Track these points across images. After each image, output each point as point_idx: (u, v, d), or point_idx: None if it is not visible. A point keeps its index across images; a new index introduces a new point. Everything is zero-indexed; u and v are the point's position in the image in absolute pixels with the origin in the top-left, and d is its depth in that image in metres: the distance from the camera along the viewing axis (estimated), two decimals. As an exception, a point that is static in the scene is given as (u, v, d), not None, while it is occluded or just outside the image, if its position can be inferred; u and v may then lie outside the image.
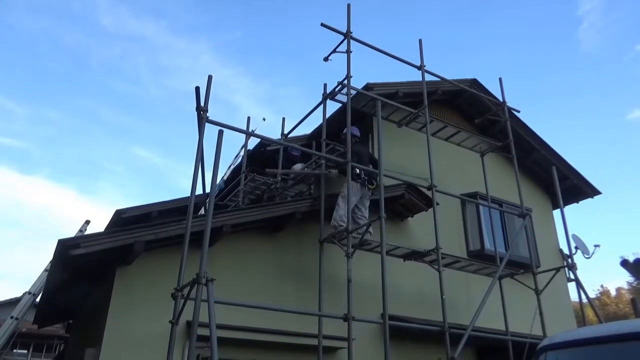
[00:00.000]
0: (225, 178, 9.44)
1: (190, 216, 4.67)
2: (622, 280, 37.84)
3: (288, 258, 6.59)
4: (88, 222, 10.06)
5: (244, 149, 9.09)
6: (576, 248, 8.99)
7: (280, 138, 8.67)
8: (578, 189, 10.95)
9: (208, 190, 5.09)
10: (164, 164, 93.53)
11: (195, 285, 4.15)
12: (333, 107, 7.73)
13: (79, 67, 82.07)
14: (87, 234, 7.60)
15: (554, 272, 7.28)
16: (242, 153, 9.17)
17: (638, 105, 66.32)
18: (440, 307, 5.87)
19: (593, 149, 70.84)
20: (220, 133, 4.95)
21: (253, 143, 9.42)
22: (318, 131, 8.15)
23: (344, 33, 6.74)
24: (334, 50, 6.79)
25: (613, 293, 34.99)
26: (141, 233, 5.18)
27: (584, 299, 7.10)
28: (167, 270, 5.16)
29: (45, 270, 8.79)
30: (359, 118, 7.87)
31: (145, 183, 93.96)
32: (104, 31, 77.12)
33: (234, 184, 9.05)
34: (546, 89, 78.33)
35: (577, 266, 7.25)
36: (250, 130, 8.52)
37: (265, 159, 9.23)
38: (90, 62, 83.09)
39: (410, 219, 8.02)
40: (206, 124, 5.00)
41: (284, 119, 8.99)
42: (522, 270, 7.56)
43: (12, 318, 8.59)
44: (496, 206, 8.89)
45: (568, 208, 10.65)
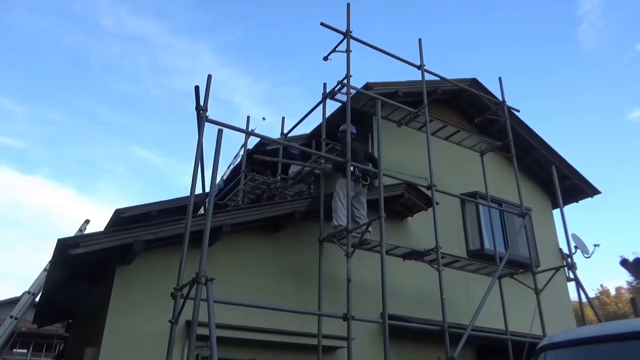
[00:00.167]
0: (224, 177, 9.45)
1: (190, 215, 4.67)
2: (622, 280, 37.89)
3: (288, 257, 6.59)
4: (88, 222, 10.06)
5: (243, 149, 9.09)
6: (576, 247, 8.99)
7: (280, 137, 8.67)
8: (578, 188, 10.95)
9: (208, 189, 5.09)
10: (163, 164, 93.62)
11: (195, 284, 4.15)
12: (333, 107, 7.74)
13: (78, 67, 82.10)
14: (87, 233, 7.60)
15: (554, 272, 7.28)
16: (242, 152, 9.17)
17: (638, 105, 66.36)
18: (440, 307, 5.87)
19: (593, 148, 70.94)
20: (220, 132, 4.95)
21: (253, 142, 9.43)
22: (318, 130, 8.15)
23: (344, 32, 6.74)
24: (334, 50, 6.79)
25: (613, 292, 35.02)
26: (141, 232, 5.18)
27: (584, 299, 7.10)
28: (167, 269, 5.16)
29: (45, 269, 8.78)
30: (358, 117, 7.86)
31: (144, 183, 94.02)
32: (104, 31, 77.17)
33: (233, 184, 9.05)
34: (546, 89, 78.40)
35: (577, 266, 7.28)
36: (250, 130, 8.51)
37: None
38: (90, 62, 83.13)
39: (409, 218, 8.02)
40: (206, 123, 5.01)
41: (283, 118, 9.04)
42: (522, 270, 7.56)
43: (12, 317, 8.59)
44: (496, 206, 8.88)
45: (568, 207, 10.66)
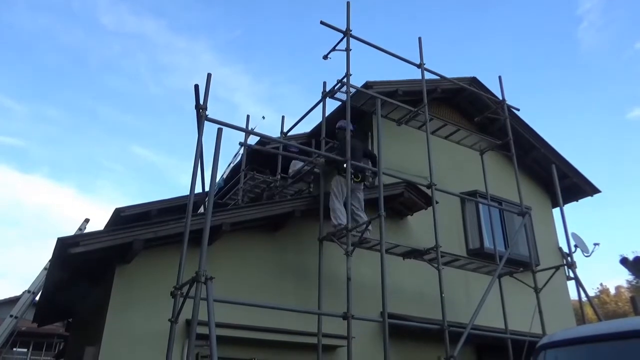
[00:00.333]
0: (224, 176, 9.44)
1: (190, 214, 4.67)
2: (622, 279, 37.97)
3: (287, 256, 6.59)
4: (87, 221, 10.09)
5: (243, 147, 9.08)
6: (575, 246, 9.01)
7: (280, 136, 8.67)
8: (578, 187, 10.95)
9: (207, 188, 5.09)
10: (163, 163, 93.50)
11: (195, 283, 4.15)
12: (333, 105, 7.74)
13: (78, 66, 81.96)
14: (87, 232, 7.61)
15: (554, 271, 7.28)
16: (242, 151, 9.17)
17: (638, 104, 66.35)
18: (440, 306, 5.86)
19: (593, 147, 70.95)
20: (220, 131, 4.95)
21: (253, 141, 9.41)
22: (318, 129, 8.15)
23: (344, 31, 6.73)
24: (334, 49, 6.78)
25: (612, 291, 35.07)
26: (140, 231, 5.18)
27: (584, 297, 7.10)
28: (167, 268, 5.17)
29: (45, 268, 8.81)
30: (358, 116, 7.86)
31: (144, 181, 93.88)
32: (104, 29, 77.03)
33: (233, 183, 9.05)
34: (546, 88, 78.34)
35: (577, 264, 7.26)
36: (250, 129, 8.51)
37: (264, 157, 9.22)
38: (89, 61, 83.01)
39: (409, 217, 8.02)
40: (205, 122, 5.00)
41: (283, 117, 9.01)
42: (522, 269, 7.56)
43: (12, 316, 8.61)
44: (496, 204, 8.87)
45: (567, 206, 10.66)
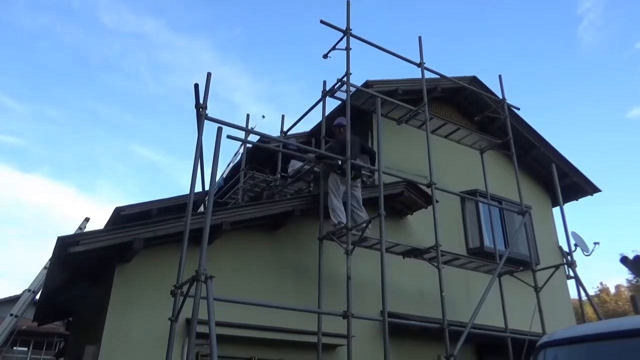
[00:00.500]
0: (224, 175, 9.43)
1: (190, 213, 4.66)
2: (622, 278, 37.97)
3: (287, 255, 6.59)
4: (87, 220, 10.09)
5: (243, 147, 9.08)
6: (575, 245, 8.99)
7: (280, 135, 8.67)
8: (578, 186, 10.95)
9: (207, 187, 5.08)
10: (163, 162, 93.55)
11: (195, 282, 4.15)
12: (333, 105, 7.74)
13: (78, 65, 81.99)
14: (87, 231, 7.59)
15: (554, 270, 7.28)
16: (242, 150, 9.16)
17: (638, 103, 66.32)
18: (440, 305, 5.86)
19: (593, 146, 70.98)
20: (220, 130, 4.94)
21: (252, 140, 9.40)
22: (317, 128, 8.15)
23: (344, 30, 6.72)
24: (334, 48, 6.77)
25: (612, 290, 35.13)
26: (140, 230, 5.17)
27: (584, 297, 7.11)
28: (167, 267, 5.17)
29: (45, 267, 8.81)
30: (358, 115, 7.86)
31: (144, 181, 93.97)
32: (104, 28, 77.06)
33: (233, 182, 9.04)
34: (546, 87, 78.34)
35: (577, 263, 7.26)
36: (250, 128, 8.51)
37: (264, 156, 9.22)
38: (89, 60, 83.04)
39: (409, 216, 8.02)
40: (205, 121, 4.99)
41: (283, 116, 9.01)
42: (522, 268, 7.56)
43: (12, 315, 8.62)
44: (496, 204, 8.88)
45: (567, 205, 10.67)
